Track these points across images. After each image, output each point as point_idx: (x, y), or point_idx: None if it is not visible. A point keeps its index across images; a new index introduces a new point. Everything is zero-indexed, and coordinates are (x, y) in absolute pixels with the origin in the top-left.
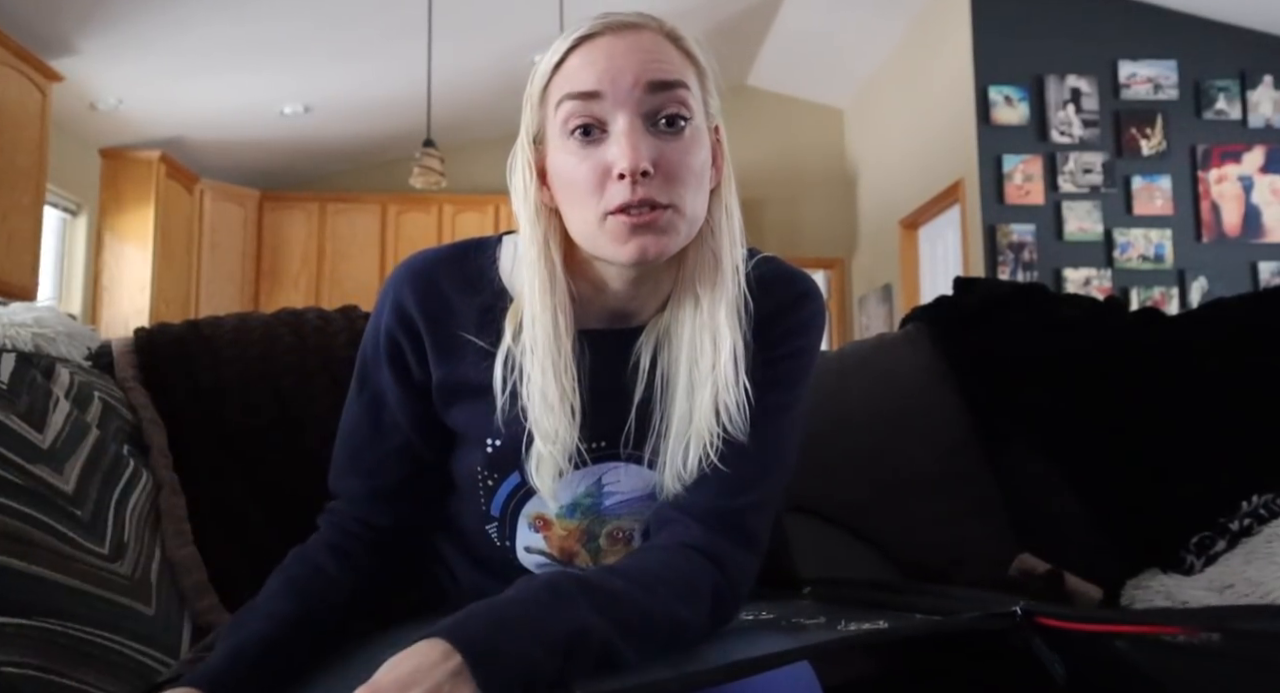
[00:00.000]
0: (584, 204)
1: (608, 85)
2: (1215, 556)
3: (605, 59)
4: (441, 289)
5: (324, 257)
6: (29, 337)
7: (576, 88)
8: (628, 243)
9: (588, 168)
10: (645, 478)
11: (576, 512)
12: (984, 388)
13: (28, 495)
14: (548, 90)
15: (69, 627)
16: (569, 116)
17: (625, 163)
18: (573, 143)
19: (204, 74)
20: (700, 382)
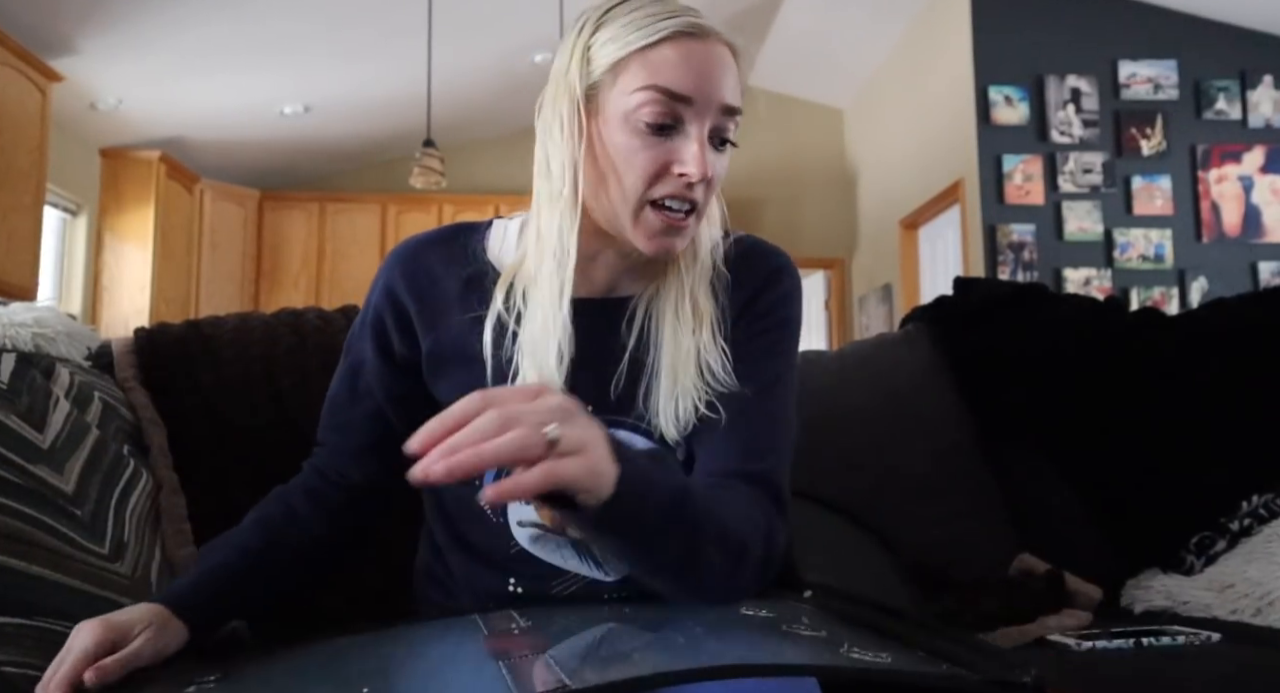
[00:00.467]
0: (628, 186)
1: (701, 96)
2: (1215, 556)
3: (702, 66)
4: (428, 265)
5: (324, 257)
6: (29, 337)
7: (671, 86)
8: (656, 238)
9: (649, 157)
10: (637, 442)
11: None
12: (984, 388)
13: (28, 495)
14: (626, 63)
15: (69, 627)
16: (650, 107)
17: (695, 170)
18: (641, 129)
19: (204, 74)
20: (685, 345)
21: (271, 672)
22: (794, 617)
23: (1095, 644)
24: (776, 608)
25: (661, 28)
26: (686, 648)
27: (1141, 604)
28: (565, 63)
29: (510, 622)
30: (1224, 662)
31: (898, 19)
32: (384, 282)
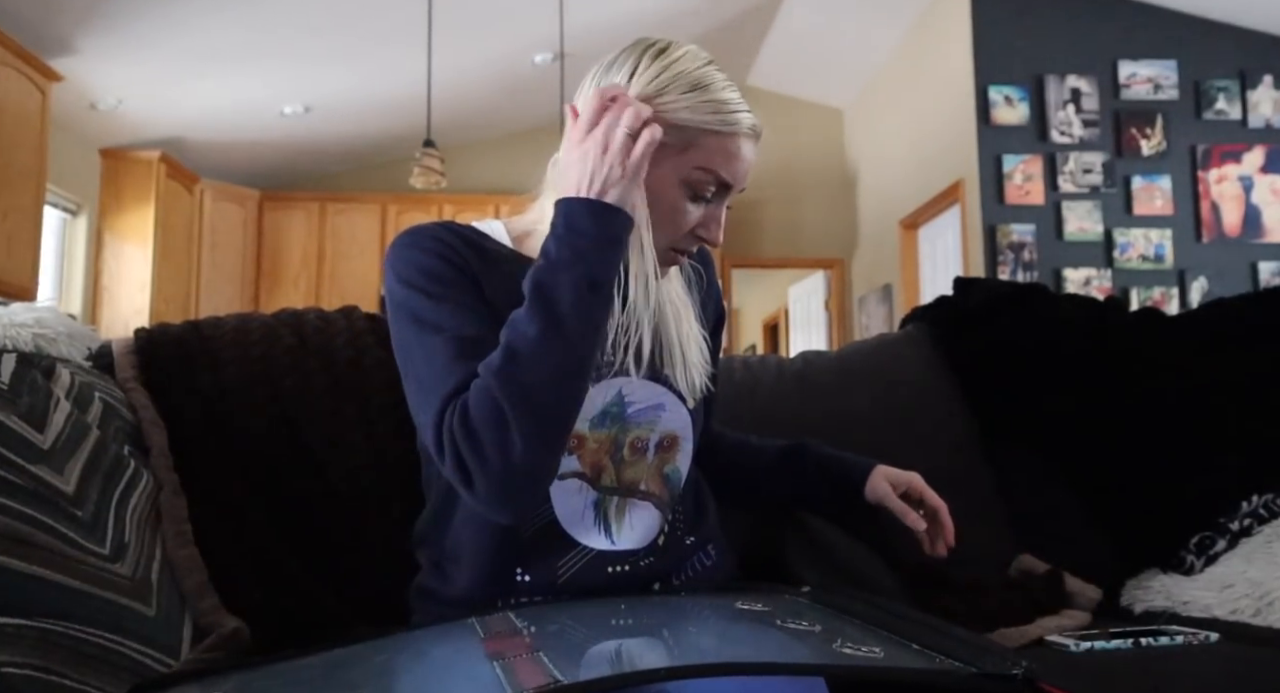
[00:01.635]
0: (664, 234)
1: (734, 183)
2: (1215, 556)
3: (744, 163)
4: (456, 230)
5: (324, 257)
6: (29, 337)
7: (719, 173)
8: (662, 266)
9: (683, 211)
10: (652, 390)
11: (606, 420)
12: (984, 388)
13: (28, 496)
14: (699, 137)
15: (69, 627)
16: (697, 181)
17: (712, 237)
18: (688, 195)
19: (204, 74)
20: (686, 329)
21: (273, 684)
22: (790, 612)
23: (1094, 644)
24: (772, 602)
25: (734, 123)
26: (678, 646)
27: (1141, 604)
28: (630, 86)
29: (507, 624)
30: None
31: (898, 19)
32: (430, 235)
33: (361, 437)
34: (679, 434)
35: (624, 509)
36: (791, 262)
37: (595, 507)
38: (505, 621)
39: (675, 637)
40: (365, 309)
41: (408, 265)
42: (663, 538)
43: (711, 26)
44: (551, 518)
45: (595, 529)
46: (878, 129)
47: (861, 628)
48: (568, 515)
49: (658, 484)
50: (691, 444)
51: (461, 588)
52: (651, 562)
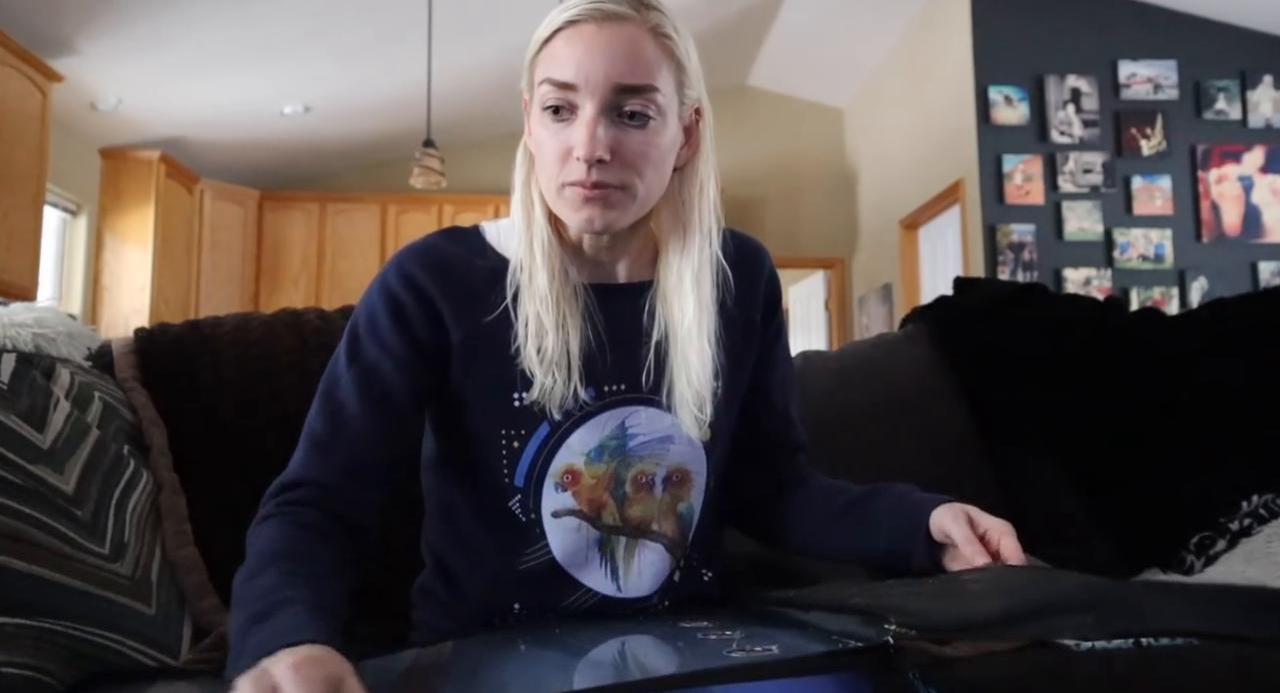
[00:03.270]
0: (548, 172)
1: (582, 80)
2: (1215, 556)
3: (584, 52)
4: (447, 258)
5: (324, 257)
6: (29, 337)
7: (554, 76)
8: (578, 211)
9: (555, 143)
10: (662, 421)
11: (604, 455)
12: (984, 388)
13: (28, 496)
14: (535, 62)
15: (69, 627)
16: (545, 97)
17: (583, 150)
18: (546, 117)
19: (204, 74)
20: (686, 338)
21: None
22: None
23: (1095, 644)
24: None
25: (553, 22)
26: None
27: None
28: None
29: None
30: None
31: (898, 19)
32: (400, 273)
33: None
34: (690, 469)
35: (633, 551)
36: (791, 261)
37: (600, 547)
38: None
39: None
40: None
41: (369, 296)
42: (678, 574)
43: (711, 27)
44: (549, 557)
45: (601, 571)
46: (878, 129)
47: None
48: (568, 555)
49: (670, 524)
50: (704, 479)
51: (462, 605)
52: (667, 603)
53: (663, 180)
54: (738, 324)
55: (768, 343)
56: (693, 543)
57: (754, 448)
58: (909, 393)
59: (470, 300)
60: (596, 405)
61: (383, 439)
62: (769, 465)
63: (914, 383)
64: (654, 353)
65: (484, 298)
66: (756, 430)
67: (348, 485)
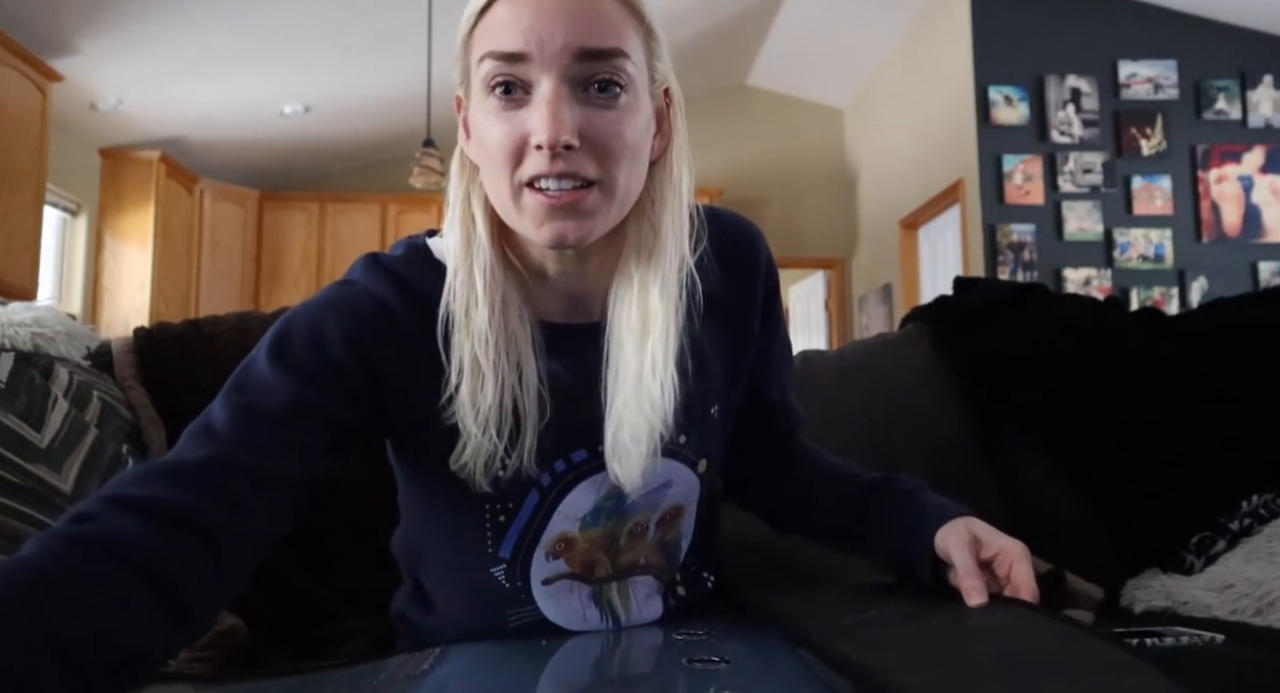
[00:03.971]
0: (499, 172)
1: (534, 47)
2: (1215, 556)
3: (533, 15)
4: (401, 324)
5: (324, 257)
6: (28, 336)
7: (499, 47)
8: (545, 225)
9: (505, 132)
10: (661, 466)
11: (600, 517)
12: (984, 388)
13: (26, 495)
14: (471, 38)
15: None
16: (489, 75)
17: (545, 134)
18: (492, 101)
19: (204, 74)
20: (632, 370)
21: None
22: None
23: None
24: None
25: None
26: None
27: (1141, 604)
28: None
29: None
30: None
31: (898, 19)
32: (346, 333)
33: None
34: (684, 504)
35: (626, 593)
36: (791, 261)
37: (594, 600)
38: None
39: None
40: None
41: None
42: (679, 590)
43: (711, 27)
44: (540, 616)
45: (601, 621)
46: (878, 129)
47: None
48: (562, 616)
49: (657, 556)
50: (695, 506)
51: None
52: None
53: (641, 174)
54: (729, 335)
55: (765, 339)
56: (689, 554)
57: (749, 440)
58: (909, 393)
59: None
60: (590, 466)
61: (301, 450)
62: (763, 450)
63: (914, 383)
64: (608, 408)
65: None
66: (751, 424)
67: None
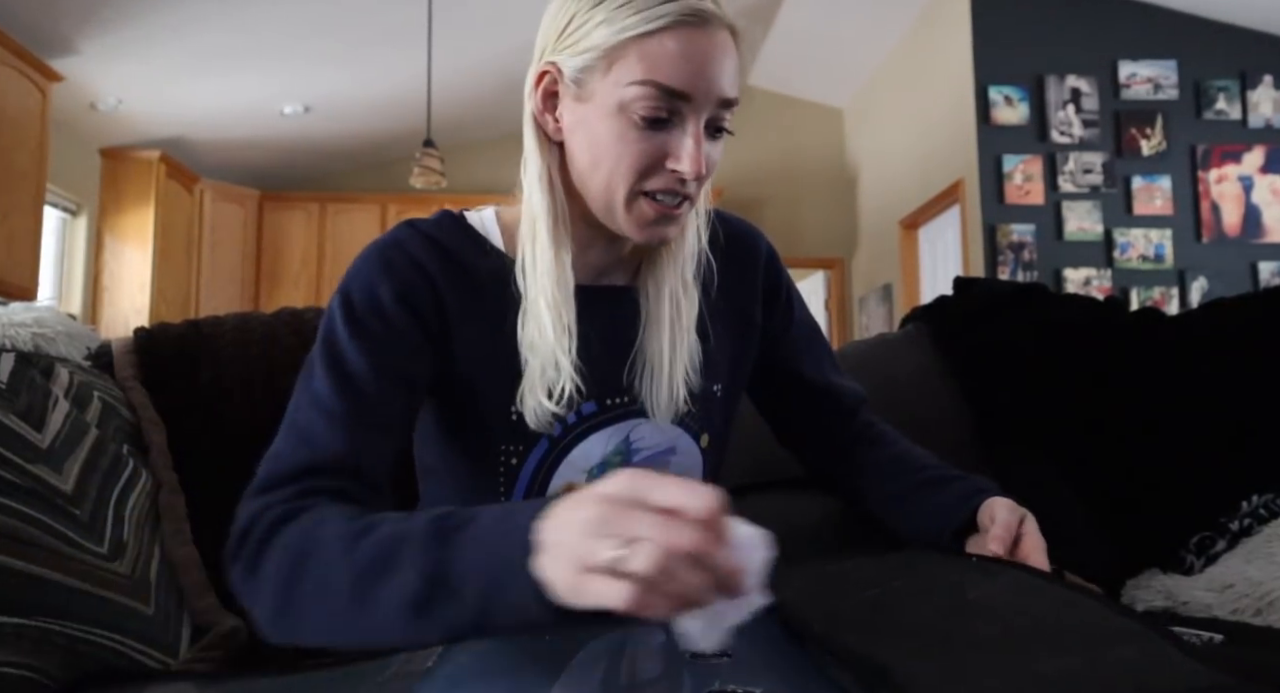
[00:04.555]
0: (617, 177)
1: (699, 92)
2: (1215, 556)
3: (701, 60)
4: (451, 250)
5: (324, 257)
6: (28, 336)
7: (669, 83)
8: (649, 228)
9: (643, 150)
10: (665, 433)
11: (606, 471)
12: (984, 388)
13: (26, 495)
14: (621, 50)
15: (67, 626)
16: (643, 102)
17: (690, 168)
18: (635, 122)
19: (204, 74)
20: (677, 334)
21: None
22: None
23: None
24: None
25: (661, 14)
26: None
27: (1142, 604)
28: (552, 38)
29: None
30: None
31: (898, 19)
32: (405, 255)
33: None
34: (686, 477)
35: None
36: (791, 261)
37: None
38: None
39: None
40: None
41: (363, 285)
42: None
43: None
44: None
45: None
46: (878, 129)
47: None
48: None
49: None
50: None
51: None
52: None
53: None
54: (731, 321)
55: (780, 323)
56: None
57: (799, 425)
58: (909, 393)
59: (474, 300)
60: (599, 419)
61: (399, 412)
62: (824, 433)
63: (914, 383)
64: (640, 357)
65: (486, 299)
66: (794, 409)
67: (380, 463)
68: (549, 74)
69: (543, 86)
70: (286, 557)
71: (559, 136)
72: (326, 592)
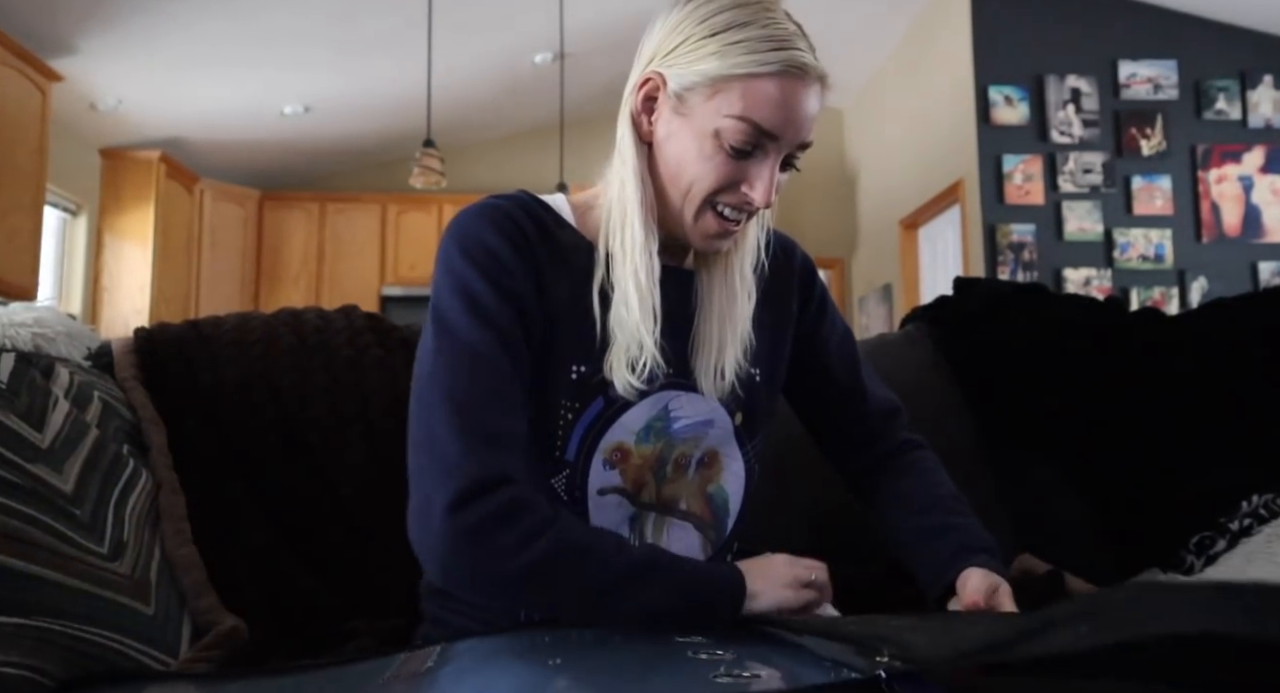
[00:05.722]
0: (697, 191)
1: (786, 135)
2: (1215, 556)
3: (795, 108)
4: (537, 218)
5: (324, 257)
6: (29, 336)
7: (761, 122)
8: (709, 239)
9: (726, 173)
10: (701, 405)
11: (650, 435)
12: (984, 388)
13: (27, 495)
14: (727, 84)
15: (68, 626)
16: (736, 134)
17: (761, 198)
18: (723, 147)
19: (204, 74)
20: (733, 315)
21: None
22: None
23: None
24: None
25: (770, 62)
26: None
27: None
28: (663, 51)
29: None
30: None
31: (898, 19)
32: (498, 226)
33: (360, 435)
34: (720, 451)
35: (661, 528)
36: None
37: (631, 523)
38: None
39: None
40: (365, 309)
41: (476, 242)
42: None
43: None
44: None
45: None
46: (878, 129)
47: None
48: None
49: (699, 504)
50: (740, 464)
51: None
52: None
53: None
54: (769, 311)
55: (812, 321)
56: (733, 530)
57: (827, 425)
58: (909, 393)
59: (559, 263)
60: (651, 387)
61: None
62: (854, 437)
63: (914, 383)
64: (698, 337)
65: (568, 266)
66: (824, 407)
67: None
68: (653, 81)
69: (645, 90)
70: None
71: (649, 138)
72: (589, 577)
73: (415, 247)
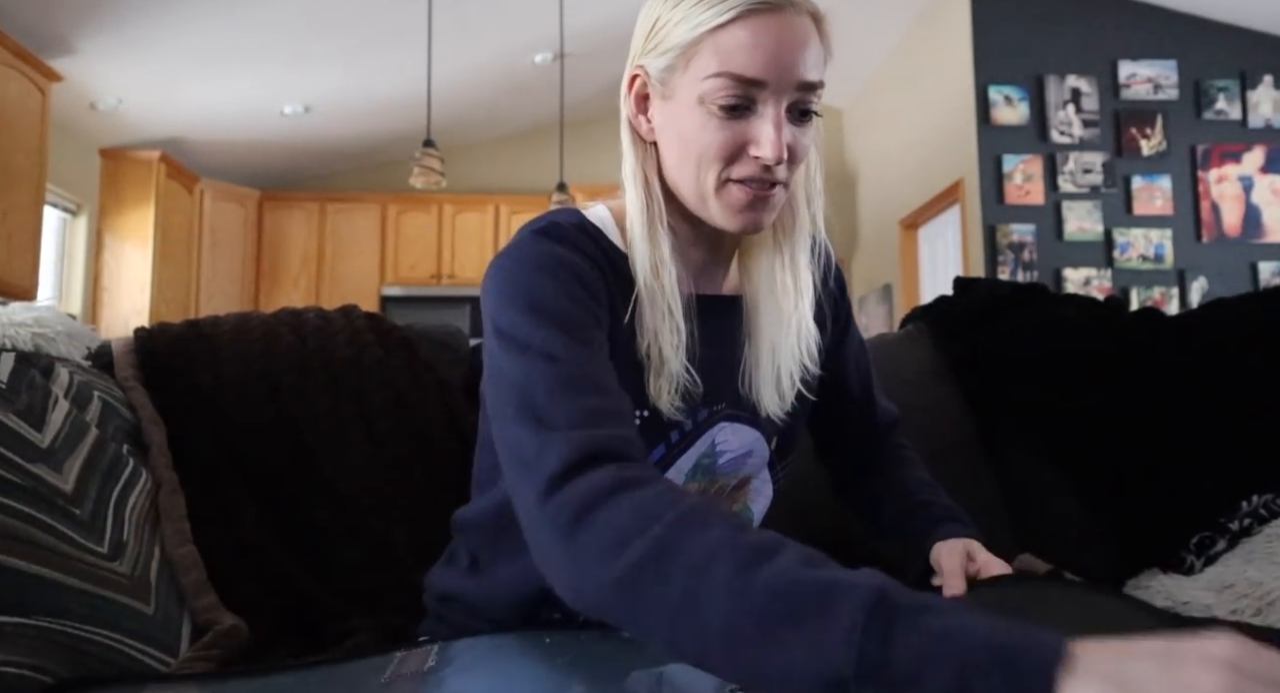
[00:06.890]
0: (707, 168)
1: (774, 78)
2: (1215, 556)
3: (775, 46)
4: (602, 244)
5: (324, 257)
6: (28, 336)
7: (740, 71)
8: (741, 213)
9: (726, 138)
10: (745, 435)
11: (698, 473)
12: (984, 388)
13: (27, 495)
14: (696, 46)
15: (68, 626)
16: (720, 92)
17: (770, 153)
18: (714, 112)
19: (204, 74)
20: (787, 319)
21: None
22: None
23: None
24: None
25: (732, 6)
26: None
27: None
28: (640, 42)
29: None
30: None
31: (898, 19)
32: (566, 242)
33: (360, 435)
34: (752, 476)
35: None
36: None
37: None
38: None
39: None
40: (365, 309)
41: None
42: None
43: None
44: None
45: None
46: (878, 129)
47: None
48: None
49: None
50: (770, 486)
51: (493, 607)
52: None
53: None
54: (818, 323)
55: (838, 337)
56: None
57: (835, 436)
58: (909, 393)
59: (611, 285)
60: (703, 426)
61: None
62: (854, 448)
63: (914, 383)
64: (745, 365)
65: (616, 287)
66: (835, 420)
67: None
68: (639, 77)
69: (635, 90)
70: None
71: (651, 137)
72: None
73: (415, 247)
